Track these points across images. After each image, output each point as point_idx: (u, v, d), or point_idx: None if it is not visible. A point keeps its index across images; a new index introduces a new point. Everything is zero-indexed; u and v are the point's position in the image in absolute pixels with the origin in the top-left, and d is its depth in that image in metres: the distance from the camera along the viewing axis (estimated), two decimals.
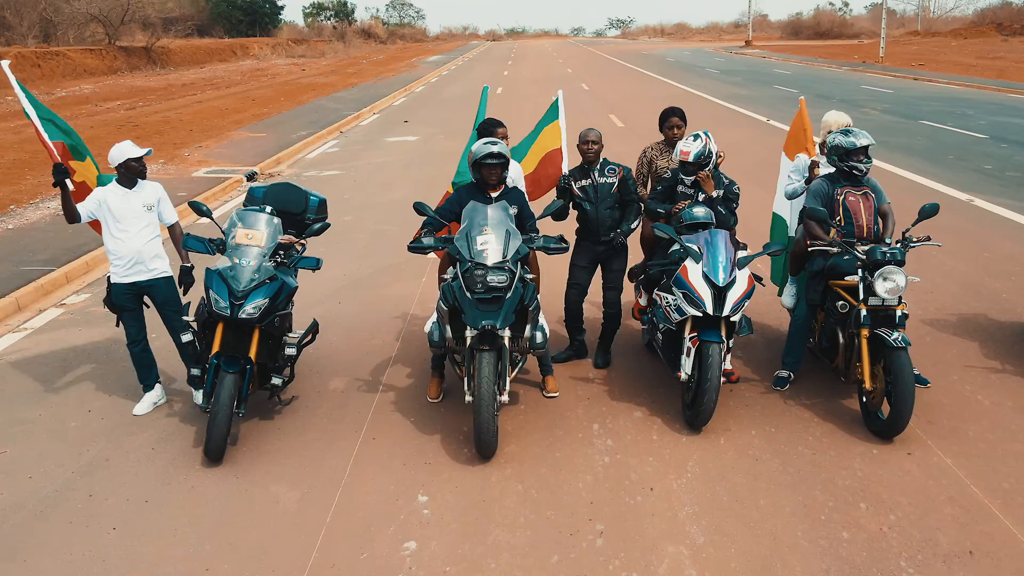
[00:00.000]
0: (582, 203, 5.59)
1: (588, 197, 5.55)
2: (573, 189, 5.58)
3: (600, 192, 5.54)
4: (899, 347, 4.59)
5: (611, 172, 5.59)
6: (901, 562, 3.69)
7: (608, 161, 5.66)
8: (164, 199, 5.40)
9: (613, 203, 5.57)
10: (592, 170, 5.58)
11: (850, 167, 5.20)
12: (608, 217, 5.55)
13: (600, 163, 5.61)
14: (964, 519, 3.98)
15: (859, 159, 5.19)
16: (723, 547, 3.83)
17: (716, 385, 4.71)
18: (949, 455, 4.55)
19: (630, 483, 4.38)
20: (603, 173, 5.58)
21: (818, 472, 4.43)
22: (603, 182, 5.55)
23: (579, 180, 5.59)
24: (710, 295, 4.79)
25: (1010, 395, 5.23)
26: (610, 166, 5.62)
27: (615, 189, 5.56)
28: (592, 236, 5.62)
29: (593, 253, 5.66)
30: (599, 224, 5.56)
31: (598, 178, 5.56)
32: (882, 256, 4.76)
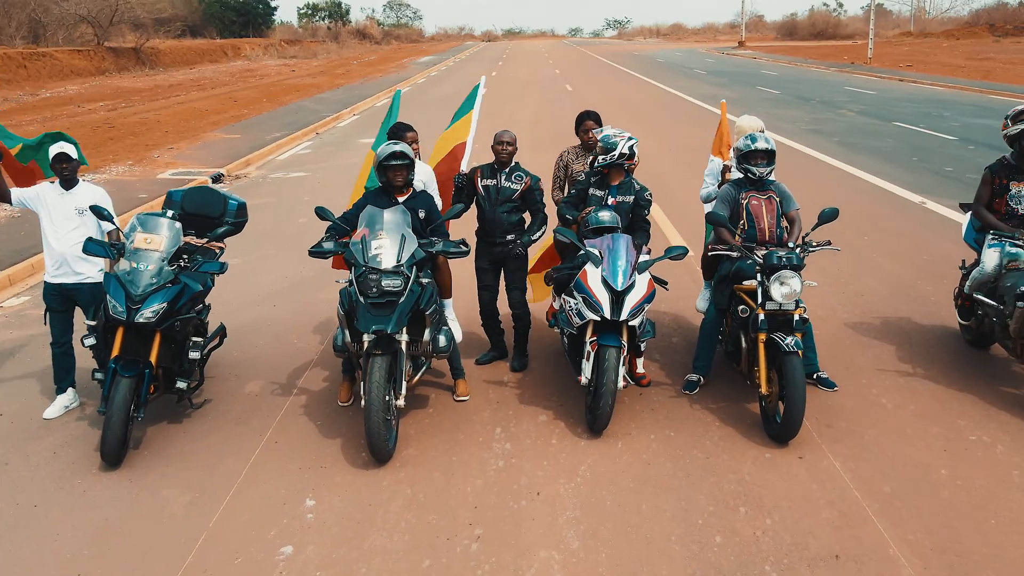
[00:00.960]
0: (482, 202, 5.62)
1: (488, 196, 5.58)
2: (477, 185, 5.61)
3: (501, 195, 5.57)
4: (791, 351, 4.62)
5: (518, 179, 5.61)
6: (766, 566, 3.71)
7: (520, 167, 5.68)
8: (102, 204, 5.42)
9: (511, 208, 5.59)
10: (500, 172, 5.61)
11: (744, 170, 5.22)
12: (504, 220, 5.58)
13: (511, 167, 5.63)
14: (839, 523, 4.00)
15: (755, 162, 5.21)
16: (595, 552, 3.85)
17: (612, 389, 4.73)
18: (839, 459, 4.57)
19: (518, 487, 4.40)
20: (510, 178, 5.61)
21: (707, 476, 4.45)
22: (507, 186, 5.58)
23: (485, 178, 5.62)
24: (608, 299, 4.82)
25: (915, 399, 5.25)
26: (519, 172, 5.64)
27: (517, 196, 5.59)
28: (488, 237, 5.66)
29: (491, 254, 5.70)
30: (494, 226, 5.58)
31: (503, 181, 5.59)
32: (778, 261, 4.79)
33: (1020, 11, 72.06)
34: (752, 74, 37.26)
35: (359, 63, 50.79)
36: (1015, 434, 4.76)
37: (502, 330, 5.96)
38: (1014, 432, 4.78)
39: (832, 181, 12.40)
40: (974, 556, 3.73)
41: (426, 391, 5.59)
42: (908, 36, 72.22)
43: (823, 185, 12.10)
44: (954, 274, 7.54)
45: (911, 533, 3.90)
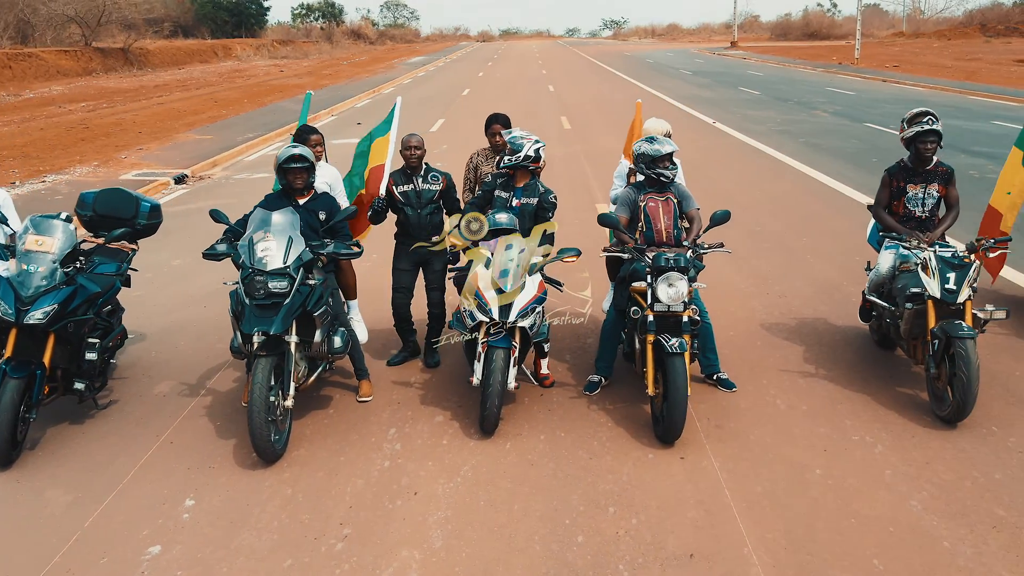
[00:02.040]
0: (403, 208, 5.67)
1: (409, 202, 5.64)
2: (394, 193, 5.66)
3: (423, 197, 5.63)
4: (675, 353, 4.66)
5: (434, 179, 5.67)
6: (620, 565, 3.75)
7: (432, 167, 5.74)
8: (6, 207, 5.46)
9: (434, 209, 5.66)
10: (415, 176, 5.66)
11: (657, 174, 5.26)
12: (429, 223, 5.64)
13: (424, 169, 5.69)
14: (702, 523, 4.04)
15: (664, 166, 5.26)
16: (456, 551, 3.89)
17: (499, 391, 4.77)
18: (719, 459, 4.61)
19: (398, 488, 4.44)
20: (426, 179, 5.66)
21: (585, 476, 4.49)
22: (426, 188, 5.64)
23: (401, 185, 5.66)
24: (497, 301, 4.86)
25: (808, 399, 5.29)
26: (433, 173, 5.70)
27: (437, 197, 5.65)
28: (411, 240, 5.69)
29: (414, 256, 5.74)
30: (420, 229, 5.63)
31: (421, 184, 5.64)
32: (665, 262, 4.83)
33: (1014, 11, 72.18)
34: (737, 75, 37.32)
35: (349, 63, 50.82)
36: (898, 434, 4.80)
37: (414, 330, 6.00)
38: (897, 432, 4.83)
39: (787, 182, 12.45)
40: (825, 555, 3.77)
41: (331, 392, 5.64)
42: (900, 36, 72.31)
43: (776, 186, 12.15)
44: None
45: (770, 532, 3.94)
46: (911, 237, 5.26)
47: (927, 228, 5.49)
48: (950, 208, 5.55)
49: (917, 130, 5.38)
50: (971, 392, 4.66)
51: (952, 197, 5.53)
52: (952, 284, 4.87)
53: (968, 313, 4.92)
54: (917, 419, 4.97)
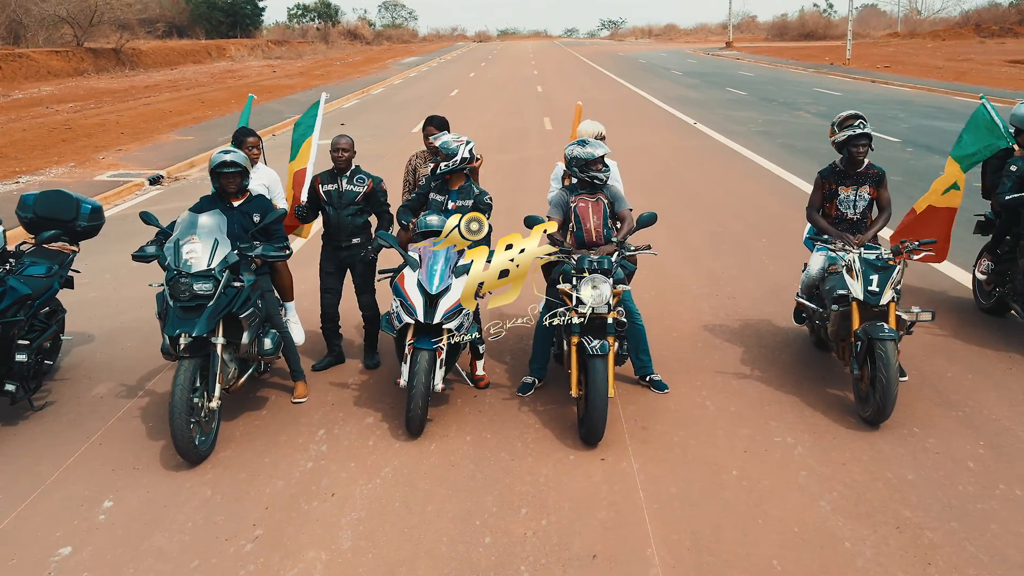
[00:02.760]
0: (325, 207, 5.70)
1: (331, 202, 5.66)
2: (318, 191, 5.69)
3: (344, 198, 5.65)
4: (595, 355, 4.68)
5: (360, 182, 5.69)
6: (522, 566, 3.78)
7: (360, 170, 5.77)
8: None
9: (356, 211, 5.68)
10: (340, 176, 5.69)
11: (591, 177, 5.28)
12: (349, 224, 5.66)
13: (352, 170, 5.71)
14: (611, 524, 4.07)
15: (597, 169, 5.28)
16: (362, 552, 3.91)
17: (422, 392, 4.80)
18: (640, 460, 4.63)
19: (317, 489, 4.46)
20: (352, 181, 5.68)
21: (504, 478, 4.51)
22: (349, 189, 5.66)
23: (326, 184, 5.70)
24: (422, 303, 4.89)
25: (738, 400, 5.31)
26: (360, 175, 5.72)
27: (360, 198, 5.67)
28: (334, 241, 5.73)
29: (337, 258, 5.77)
30: (340, 229, 5.66)
31: (345, 184, 5.67)
32: (589, 265, 4.85)
33: (1010, 12, 72.21)
34: (727, 75, 37.33)
35: (342, 64, 50.86)
36: (820, 436, 4.83)
37: (340, 335, 6.02)
38: (820, 434, 4.85)
39: (757, 183, 12.47)
40: (727, 555, 3.80)
41: (268, 393, 5.66)
42: (895, 37, 72.32)
43: (745, 187, 12.18)
44: None
45: (676, 533, 3.97)
46: (837, 239, 5.29)
47: (859, 230, 5.51)
48: (882, 210, 5.57)
49: (848, 134, 5.40)
50: (890, 393, 4.68)
51: (884, 199, 5.56)
52: (875, 286, 4.89)
53: (892, 315, 4.94)
54: (842, 420, 5.00)
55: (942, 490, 4.24)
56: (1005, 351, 5.92)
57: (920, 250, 5.12)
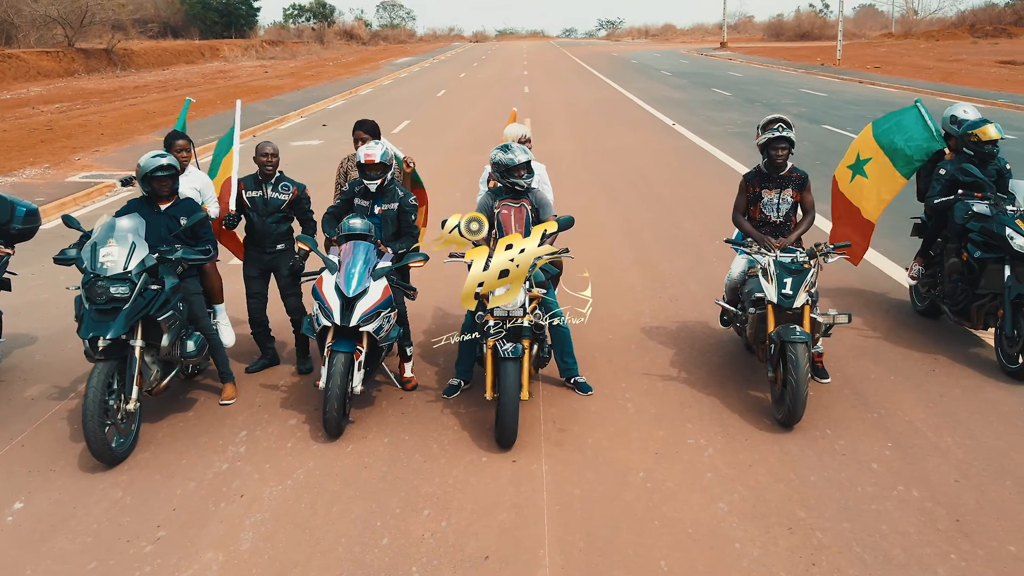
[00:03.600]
0: (249, 213, 5.73)
1: (256, 208, 5.70)
2: (243, 198, 5.73)
3: (269, 205, 5.69)
4: (507, 358, 4.72)
5: (284, 189, 5.73)
6: (414, 567, 3.82)
7: (285, 176, 5.81)
8: None
9: (281, 218, 5.72)
10: (265, 183, 5.72)
11: (512, 183, 5.32)
12: (273, 231, 5.70)
13: (277, 177, 5.75)
14: (509, 525, 4.10)
15: (519, 175, 5.31)
16: (259, 553, 3.95)
17: (337, 394, 4.83)
18: (550, 462, 4.67)
19: (227, 490, 4.50)
20: (277, 188, 5.73)
21: (413, 479, 4.55)
22: (274, 196, 5.70)
23: (250, 190, 5.74)
24: (339, 305, 4.93)
25: (660, 402, 5.35)
26: (285, 183, 5.76)
27: (285, 206, 5.71)
28: (258, 247, 5.77)
29: (261, 262, 5.81)
30: (264, 236, 5.70)
31: (270, 192, 5.71)
32: None
33: (1006, 12, 72.24)
34: (716, 75, 37.36)
35: (334, 64, 50.88)
36: (732, 437, 4.87)
37: (272, 337, 6.06)
38: (733, 435, 4.89)
39: (721, 184, 12.47)
40: (616, 556, 3.84)
41: (198, 394, 5.70)
42: (889, 37, 72.31)
43: (710, 189, 12.21)
44: None
45: (572, 534, 4.01)
46: (759, 242, 5.33)
47: (782, 233, 5.55)
48: (806, 213, 5.61)
49: (768, 137, 5.44)
50: (799, 396, 4.72)
51: (807, 202, 5.59)
52: (788, 289, 4.93)
53: (806, 318, 4.98)
54: (757, 423, 5.03)
55: (841, 491, 4.28)
56: (931, 353, 5.95)
57: (835, 254, 5.16)
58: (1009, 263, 5.51)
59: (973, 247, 5.71)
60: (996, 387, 5.39)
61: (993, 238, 5.56)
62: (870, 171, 6.68)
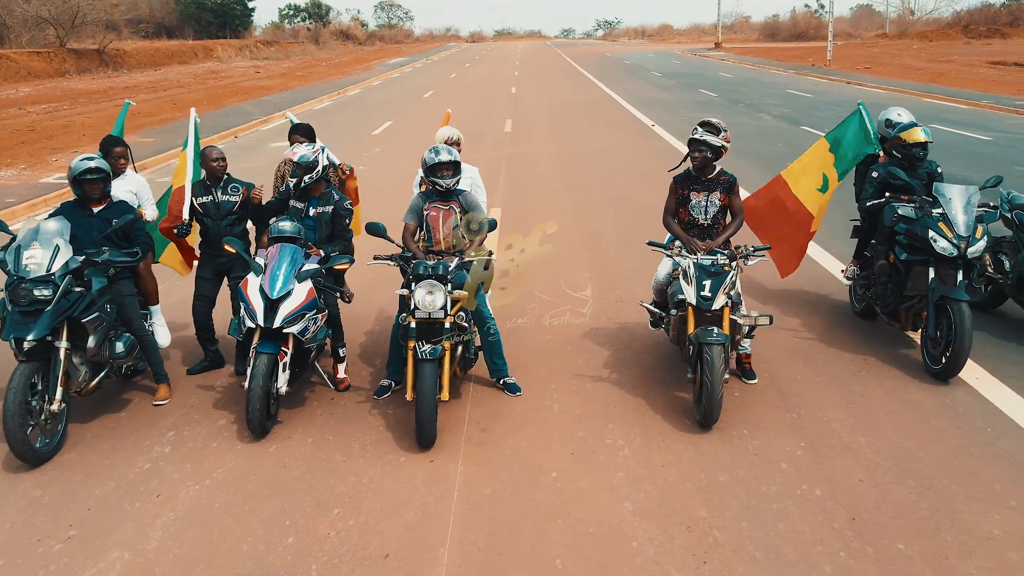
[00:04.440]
0: (203, 219, 5.79)
1: (208, 213, 5.76)
2: (194, 205, 5.79)
3: (222, 209, 5.75)
4: (424, 359, 4.78)
5: (234, 191, 5.80)
6: (314, 566, 3.87)
7: (233, 178, 5.87)
8: None
9: (234, 220, 5.79)
10: (214, 187, 5.78)
11: (432, 182, 5.38)
12: (228, 233, 5.75)
13: (225, 179, 5.81)
14: (415, 524, 4.16)
15: (440, 174, 5.36)
16: (165, 552, 4.01)
17: (259, 395, 4.89)
18: (467, 462, 4.73)
19: (145, 490, 4.56)
20: (226, 191, 5.79)
21: (329, 479, 4.60)
22: (225, 199, 5.77)
23: (200, 196, 5.79)
24: (263, 307, 4.98)
25: (586, 403, 5.41)
26: (233, 184, 5.83)
27: (237, 208, 5.77)
28: (213, 250, 5.82)
29: (215, 264, 5.86)
30: (219, 239, 5.75)
31: (220, 195, 5.77)
32: (424, 270, 4.95)
33: (1001, 12, 72.31)
34: (706, 76, 37.42)
35: (327, 65, 50.94)
36: (650, 438, 4.92)
37: (216, 340, 6.11)
38: (651, 436, 4.94)
39: None
40: (514, 555, 3.89)
41: (133, 395, 5.76)
42: (884, 37, 72.40)
43: None
44: None
45: (475, 534, 4.06)
46: (683, 244, 5.39)
47: (710, 235, 5.60)
48: (734, 216, 5.67)
49: (690, 138, 5.50)
50: (715, 397, 4.78)
51: (735, 205, 5.65)
52: (707, 291, 4.99)
53: (725, 319, 5.03)
54: (677, 423, 5.09)
55: (746, 491, 4.34)
56: (861, 355, 6.01)
57: (755, 256, 5.22)
58: (933, 265, 5.57)
59: (900, 249, 5.78)
60: (918, 388, 5.45)
61: (918, 240, 5.62)
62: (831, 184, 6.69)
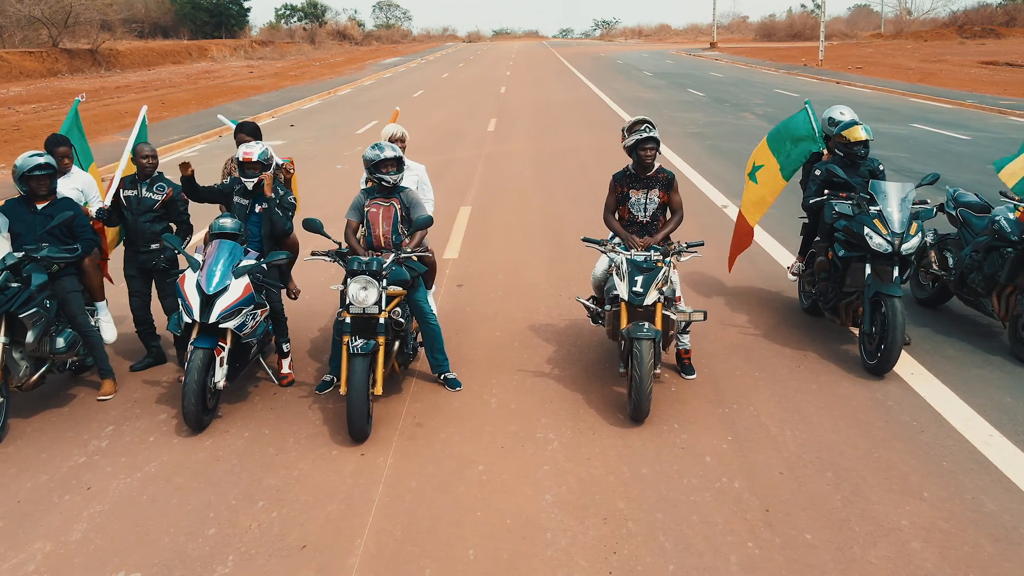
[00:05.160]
0: (124, 212, 5.85)
1: (130, 207, 5.82)
2: (119, 195, 5.85)
3: (142, 205, 5.81)
4: (355, 354, 4.84)
5: (159, 189, 5.86)
6: (231, 556, 3.92)
7: (162, 177, 5.94)
8: None
9: (153, 218, 5.83)
10: (141, 183, 5.84)
11: (377, 179, 5.43)
12: (147, 230, 5.81)
13: (153, 177, 5.87)
14: (336, 516, 4.21)
15: (386, 171, 5.42)
16: (87, 543, 4.06)
17: (194, 389, 4.94)
18: (397, 456, 4.78)
19: (77, 483, 4.61)
20: (151, 188, 5.85)
21: (259, 472, 4.65)
22: (147, 196, 5.82)
23: (127, 189, 5.86)
24: (199, 302, 5.04)
25: (524, 398, 5.46)
26: (160, 183, 5.88)
27: (159, 206, 5.83)
28: (134, 246, 5.89)
29: (138, 261, 5.93)
30: (137, 235, 5.81)
31: (144, 192, 5.82)
32: (357, 266, 5.01)
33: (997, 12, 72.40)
34: (696, 76, 37.47)
35: (320, 64, 51.02)
36: (581, 432, 4.97)
37: (158, 336, 6.16)
38: (582, 431, 4.99)
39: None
40: (428, 546, 3.94)
41: (78, 390, 5.81)
42: (879, 37, 72.46)
43: None
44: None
45: (393, 525, 4.11)
46: (622, 241, 5.45)
47: (649, 232, 5.65)
48: (673, 213, 5.72)
49: (636, 138, 5.54)
50: (643, 391, 4.84)
51: (675, 202, 5.70)
52: (639, 287, 5.04)
53: (658, 315, 5.09)
54: (611, 417, 5.14)
55: (667, 484, 4.39)
56: (803, 350, 6.07)
57: (687, 252, 5.28)
58: (870, 262, 5.62)
59: (839, 246, 5.83)
60: (853, 383, 5.51)
61: (854, 237, 5.67)
62: (761, 177, 6.88)
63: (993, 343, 6.09)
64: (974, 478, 4.33)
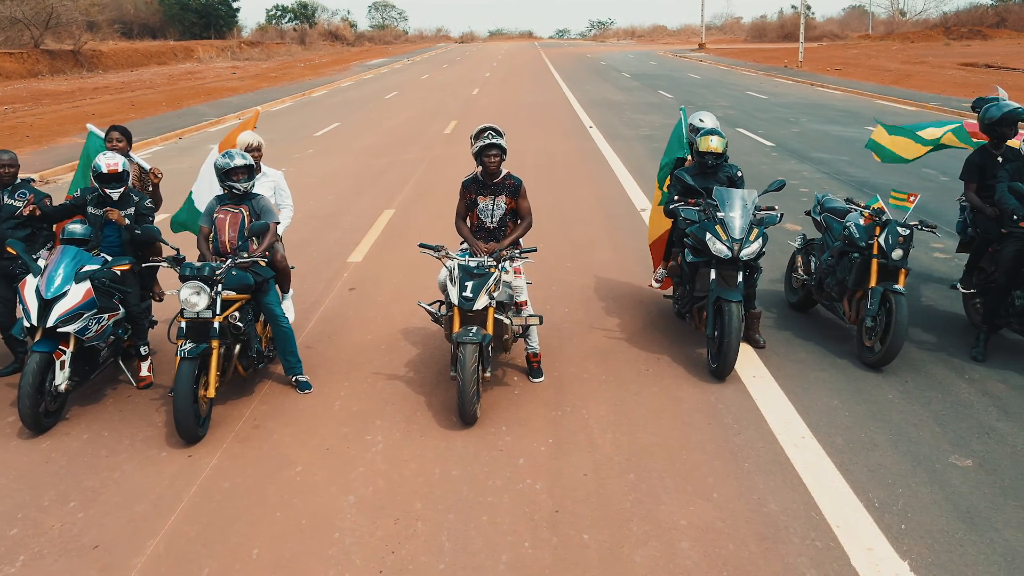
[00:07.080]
0: None
1: None
2: None
3: (4, 212, 5.89)
4: (183, 358, 4.93)
5: (21, 196, 5.94)
6: (22, 556, 4.01)
7: (26, 185, 6.02)
8: None
9: (16, 225, 5.91)
10: (3, 190, 5.93)
11: (228, 187, 5.52)
12: (8, 236, 5.87)
13: (16, 184, 5.96)
14: (139, 517, 4.29)
15: (236, 178, 5.51)
16: None
17: (29, 392, 5.00)
18: (224, 458, 4.86)
19: None
20: (13, 195, 5.93)
21: (82, 473, 4.72)
22: (9, 203, 5.91)
23: None
24: (36, 307, 5.13)
25: (369, 400, 5.54)
26: (23, 190, 5.97)
27: (19, 213, 5.91)
28: None
29: (1, 268, 5.99)
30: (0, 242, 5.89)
31: (6, 198, 5.91)
32: (190, 271, 5.10)
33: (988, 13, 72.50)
34: (674, 78, 37.57)
35: (304, 65, 51.09)
36: (409, 435, 5.04)
37: (24, 341, 6.23)
38: (411, 434, 5.06)
39: (592, 189, 12.70)
40: (217, 547, 4.02)
41: None
42: (867, 39, 72.58)
43: (578, 192, 12.40)
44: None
45: (191, 526, 4.19)
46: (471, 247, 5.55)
47: (496, 238, 5.74)
48: (521, 219, 5.81)
49: (481, 145, 5.64)
50: (466, 394, 4.93)
51: (523, 208, 5.79)
52: (469, 292, 5.13)
53: (489, 319, 5.18)
54: (444, 420, 5.21)
55: (471, 485, 4.48)
56: (658, 354, 6.15)
57: (520, 258, 5.38)
58: (715, 267, 5.71)
59: (688, 251, 5.92)
60: (693, 386, 5.60)
61: (700, 243, 5.76)
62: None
63: (845, 347, 6.18)
64: (768, 479, 4.43)
